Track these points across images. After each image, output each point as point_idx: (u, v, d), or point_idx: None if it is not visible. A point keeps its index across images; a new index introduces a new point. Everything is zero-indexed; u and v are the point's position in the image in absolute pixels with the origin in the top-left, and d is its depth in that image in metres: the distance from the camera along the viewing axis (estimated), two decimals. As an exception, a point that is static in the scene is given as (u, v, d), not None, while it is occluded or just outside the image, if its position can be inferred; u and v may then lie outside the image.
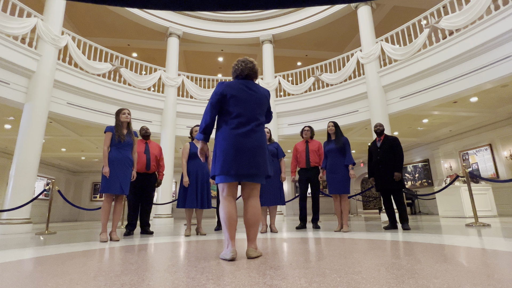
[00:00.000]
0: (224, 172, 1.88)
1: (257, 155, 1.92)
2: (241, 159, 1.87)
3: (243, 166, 1.87)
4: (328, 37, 10.18)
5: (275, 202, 3.78)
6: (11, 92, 5.55)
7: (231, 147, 1.88)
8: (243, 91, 2.00)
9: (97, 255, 2.16)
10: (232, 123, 1.94)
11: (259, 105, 2.04)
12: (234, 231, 1.85)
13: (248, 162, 1.88)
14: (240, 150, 1.88)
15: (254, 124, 1.98)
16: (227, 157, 1.87)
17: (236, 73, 2.11)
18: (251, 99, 2.00)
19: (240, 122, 1.94)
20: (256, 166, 1.90)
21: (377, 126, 4.21)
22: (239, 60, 2.12)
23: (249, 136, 1.93)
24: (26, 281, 1.36)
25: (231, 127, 1.93)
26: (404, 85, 6.84)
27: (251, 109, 1.98)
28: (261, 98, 2.05)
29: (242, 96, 1.98)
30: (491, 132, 8.51)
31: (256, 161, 1.91)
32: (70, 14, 8.61)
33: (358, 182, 15.71)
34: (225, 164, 1.87)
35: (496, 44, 5.26)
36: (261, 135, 2.00)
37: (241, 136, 1.91)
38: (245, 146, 1.90)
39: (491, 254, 1.76)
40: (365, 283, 1.17)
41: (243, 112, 1.95)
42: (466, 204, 6.42)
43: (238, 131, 1.91)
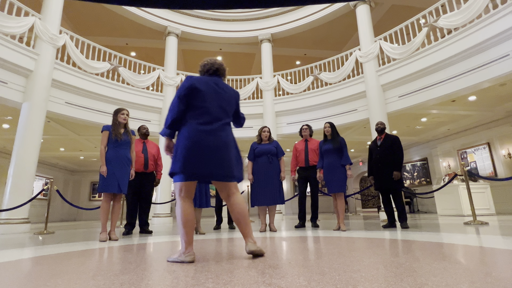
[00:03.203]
0: (184, 171, 1.76)
1: (221, 154, 1.83)
2: (204, 158, 1.77)
3: (205, 165, 1.77)
4: (327, 36, 10.18)
5: (274, 201, 3.78)
6: (9, 91, 5.53)
7: (195, 144, 1.77)
8: (212, 88, 1.92)
9: (96, 255, 2.15)
10: (198, 119, 1.84)
11: (227, 104, 1.97)
12: (192, 233, 1.78)
13: (211, 161, 1.79)
14: (204, 149, 1.78)
15: (221, 122, 1.89)
16: (189, 155, 1.76)
17: (205, 68, 2.03)
18: (219, 97, 1.93)
19: (206, 119, 1.84)
20: (219, 166, 1.81)
21: (378, 124, 4.22)
22: (207, 58, 2.08)
23: (215, 134, 1.84)
24: (25, 280, 1.36)
25: (197, 123, 1.83)
26: (403, 84, 6.85)
27: (218, 106, 1.90)
28: (229, 97, 1.99)
29: (211, 92, 1.90)
30: (489, 130, 8.54)
31: (220, 161, 1.82)
32: (68, 13, 8.57)
33: (356, 180, 15.73)
34: (186, 162, 1.75)
35: (494, 43, 5.27)
36: (227, 134, 1.91)
37: (206, 134, 1.81)
38: (209, 144, 1.80)
39: (489, 252, 1.77)
40: (364, 281, 1.17)
41: (210, 109, 1.86)
42: (465, 203, 6.44)
43: (203, 128, 1.81)
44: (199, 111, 1.85)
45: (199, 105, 1.86)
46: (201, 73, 2.07)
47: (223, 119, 1.92)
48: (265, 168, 3.84)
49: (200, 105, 1.86)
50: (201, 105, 1.86)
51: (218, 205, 4.73)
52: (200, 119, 1.84)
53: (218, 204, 4.72)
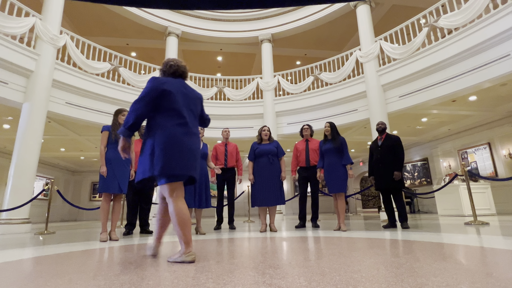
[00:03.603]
0: (174, 172, 1.76)
1: (197, 156, 1.89)
2: (188, 158, 1.80)
3: (189, 166, 1.81)
4: (327, 36, 10.18)
5: (275, 202, 3.77)
6: (10, 91, 5.54)
7: (179, 146, 1.78)
8: (180, 90, 1.91)
9: (97, 255, 2.15)
10: (174, 121, 1.83)
11: (194, 106, 1.99)
12: (190, 232, 1.80)
13: (192, 162, 1.83)
14: (187, 150, 1.81)
15: (193, 125, 1.92)
16: (176, 156, 1.76)
17: (172, 70, 2.01)
18: (187, 99, 1.94)
19: (181, 120, 1.85)
20: (195, 168, 1.86)
21: (379, 124, 4.22)
22: (171, 59, 2.06)
23: (192, 136, 1.88)
24: (26, 281, 1.36)
25: (173, 125, 1.82)
26: (403, 84, 6.85)
27: (188, 109, 1.92)
28: (195, 100, 2.01)
29: (180, 94, 1.89)
30: (490, 130, 8.53)
31: (196, 163, 1.87)
32: (68, 13, 8.58)
33: (357, 181, 15.73)
34: (177, 163, 1.76)
35: (495, 42, 5.26)
36: (198, 137, 1.95)
37: (186, 135, 1.83)
38: (190, 146, 1.83)
39: (490, 252, 1.77)
40: (364, 281, 1.17)
41: (182, 111, 1.87)
42: (465, 203, 6.43)
43: (182, 130, 1.83)
44: (172, 113, 1.84)
45: (171, 107, 1.84)
46: (165, 73, 2.02)
47: (193, 122, 1.94)
48: (266, 168, 3.83)
49: (172, 107, 1.84)
50: (173, 107, 1.84)
51: (219, 205, 4.73)
52: (175, 121, 1.83)
53: (219, 204, 4.72)
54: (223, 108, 9.07)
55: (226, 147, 4.76)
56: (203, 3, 1.83)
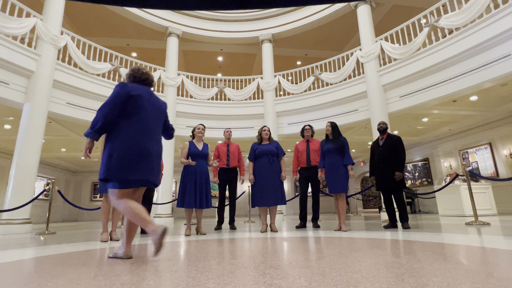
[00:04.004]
0: (131, 177, 1.83)
1: (156, 162, 1.95)
2: (144, 165, 1.86)
3: (144, 172, 1.86)
4: (328, 36, 10.18)
5: (276, 202, 3.77)
6: (11, 92, 5.55)
7: (138, 152, 1.84)
8: (146, 97, 1.98)
9: (97, 255, 2.16)
10: (136, 127, 1.89)
11: (159, 114, 2.06)
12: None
13: (149, 168, 1.89)
14: (145, 156, 1.87)
15: (155, 132, 1.99)
16: (134, 163, 1.83)
17: (142, 77, 2.08)
18: (152, 107, 2.00)
19: (143, 127, 1.91)
20: (153, 173, 1.93)
21: (380, 124, 4.21)
22: (135, 66, 2.13)
23: (152, 142, 1.94)
24: (26, 281, 1.36)
25: (135, 130, 1.88)
26: (404, 84, 6.84)
27: (152, 116, 1.98)
28: (160, 108, 2.08)
29: (145, 101, 1.96)
30: (491, 131, 8.52)
31: (154, 169, 1.93)
32: (69, 13, 8.59)
33: (358, 181, 15.72)
34: (133, 169, 1.82)
35: (495, 42, 5.25)
36: (160, 144, 2.02)
37: (146, 142, 1.89)
38: (149, 152, 1.89)
39: (490, 253, 1.76)
40: (365, 282, 1.17)
41: (145, 118, 1.93)
42: (466, 203, 6.42)
43: (142, 136, 1.89)
44: (135, 119, 1.90)
45: (135, 113, 1.90)
46: (134, 79, 2.08)
47: (156, 129, 2.01)
48: (266, 168, 3.83)
49: (137, 113, 1.91)
50: (137, 113, 1.91)
51: (220, 205, 4.73)
52: (138, 127, 1.89)
53: (220, 204, 4.72)
54: (224, 109, 9.07)
55: (228, 147, 4.76)
56: (203, 3, 1.84)
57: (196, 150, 3.80)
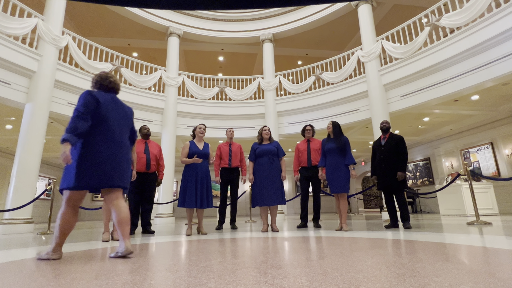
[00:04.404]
0: (94, 183, 1.90)
1: (125, 167, 2.04)
2: (115, 170, 1.95)
3: (116, 178, 1.95)
4: (329, 36, 10.16)
5: (276, 201, 3.76)
6: (12, 92, 5.56)
7: (102, 158, 1.91)
8: (112, 104, 2.07)
9: (99, 255, 2.16)
10: (104, 133, 1.96)
11: (125, 120, 2.15)
12: (65, 237, 1.97)
13: (120, 174, 1.98)
14: (111, 162, 1.94)
15: (123, 136, 2.07)
16: (96, 168, 1.90)
17: (110, 86, 2.15)
18: (118, 113, 2.09)
19: (111, 133, 1.98)
20: (122, 177, 2.01)
21: (383, 123, 4.20)
22: (102, 73, 2.18)
23: (120, 148, 2.02)
24: (28, 280, 1.37)
25: (104, 136, 1.95)
26: (405, 83, 6.83)
27: (119, 122, 2.07)
28: (126, 114, 2.17)
29: (112, 108, 2.04)
30: (493, 130, 8.50)
31: (123, 173, 2.02)
32: (70, 14, 8.61)
33: (359, 180, 15.70)
34: (99, 176, 1.90)
35: (497, 42, 5.24)
36: (128, 149, 2.11)
37: (114, 148, 1.97)
38: (118, 158, 1.98)
39: (492, 253, 1.76)
40: (366, 281, 1.17)
41: (113, 125, 2.01)
42: (468, 203, 6.41)
43: (111, 143, 1.96)
44: (102, 126, 1.97)
45: (101, 121, 1.98)
46: (101, 86, 2.14)
47: (123, 134, 2.10)
48: (266, 168, 3.83)
49: (103, 120, 1.98)
50: (103, 121, 1.99)
51: (221, 205, 4.73)
52: (105, 134, 1.97)
53: (222, 204, 4.73)
54: (225, 108, 9.08)
55: (230, 147, 4.76)
56: (204, 3, 1.84)
57: (197, 149, 3.80)
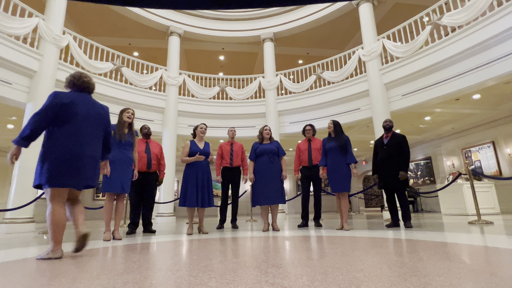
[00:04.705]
0: (62, 181, 1.95)
1: (90, 166, 2.07)
2: (79, 169, 1.99)
3: (80, 176, 2.00)
4: (330, 35, 10.14)
5: (276, 201, 3.76)
6: (13, 92, 5.57)
7: (69, 157, 1.96)
8: (84, 104, 2.10)
9: (100, 254, 2.17)
10: (70, 132, 2.00)
11: (97, 119, 2.17)
12: (62, 234, 2.01)
13: (84, 172, 2.02)
14: (78, 160, 1.99)
15: (92, 136, 2.10)
16: (65, 167, 1.94)
17: (83, 85, 2.19)
18: (89, 113, 2.11)
19: (78, 132, 2.02)
20: (91, 176, 2.08)
21: (386, 121, 4.18)
22: (77, 73, 2.23)
23: (87, 147, 2.05)
24: (30, 279, 1.37)
25: (69, 136, 1.99)
26: (406, 82, 6.81)
27: (89, 122, 2.09)
28: (98, 114, 2.19)
29: (81, 108, 2.07)
30: (494, 129, 8.47)
31: (92, 172, 2.08)
32: (71, 13, 8.61)
33: (360, 180, 15.69)
34: (63, 173, 1.94)
35: (499, 40, 5.22)
36: (98, 148, 2.15)
37: (79, 146, 2.01)
38: (83, 156, 2.02)
39: (494, 252, 1.76)
40: (367, 281, 1.17)
41: (81, 124, 2.04)
42: (469, 202, 6.40)
43: (76, 142, 2.00)
44: (68, 126, 2.00)
45: (68, 120, 2.01)
46: (74, 86, 2.18)
47: (93, 134, 2.12)
48: (267, 167, 3.82)
49: (69, 120, 2.01)
50: (70, 120, 2.01)
51: (222, 204, 4.74)
52: (70, 133, 2.00)
53: (223, 203, 4.73)
54: (225, 108, 9.07)
55: (232, 146, 4.76)
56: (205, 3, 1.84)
57: (198, 149, 3.80)
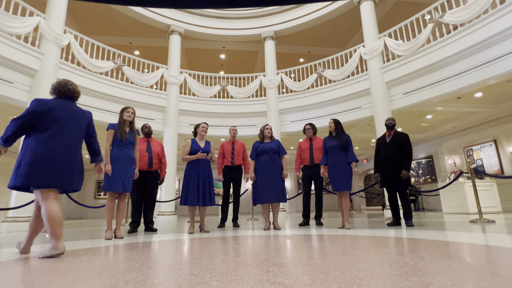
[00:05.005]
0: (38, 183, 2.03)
1: (71, 169, 2.15)
2: (56, 172, 2.08)
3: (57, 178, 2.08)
4: (331, 33, 10.12)
5: (277, 199, 3.76)
6: (15, 91, 5.59)
7: (47, 160, 2.05)
8: (63, 110, 2.21)
9: (102, 252, 2.17)
10: (50, 137, 2.10)
11: (78, 125, 2.27)
12: (60, 228, 2.07)
13: (62, 175, 2.11)
14: (55, 164, 2.08)
15: (73, 140, 2.21)
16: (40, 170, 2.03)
17: (68, 93, 2.29)
18: (71, 119, 2.22)
19: (57, 137, 2.13)
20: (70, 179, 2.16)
21: (388, 120, 4.17)
22: (63, 80, 2.33)
23: (66, 151, 2.14)
24: (32, 278, 1.38)
25: (48, 140, 2.08)
26: (408, 81, 6.79)
27: (70, 127, 2.20)
28: (80, 121, 2.30)
29: (62, 114, 2.18)
30: (496, 127, 8.44)
31: (70, 175, 2.16)
32: (72, 12, 8.62)
33: (361, 178, 15.67)
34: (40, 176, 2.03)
35: (501, 38, 5.19)
36: (78, 152, 2.25)
37: (57, 151, 2.10)
38: (61, 160, 2.10)
39: (495, 251, 1.75)
40: (368, 280, 1.17)
41: (62, 129, 2.15)
42: (470, 200, 6.39)
43: (55, 146, 2.09)
44: (49, 131, 2.11)
45: (48, 126, 2.11)
46: (54, 91, 2.29)
47: (74, 139, 2.22)
48: (267, 165, 3.82)
49: (50, 125, 2.12)
50: (50, 126, 2.12)
51: (223, 203, 4.74)
52: (50, 138, 2.09)
53: (224, 202, 4.74)
54: (226, 106, 9.07)
55: (233, 145, 4.76)
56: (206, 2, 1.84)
57: (199, 147, 3.81)
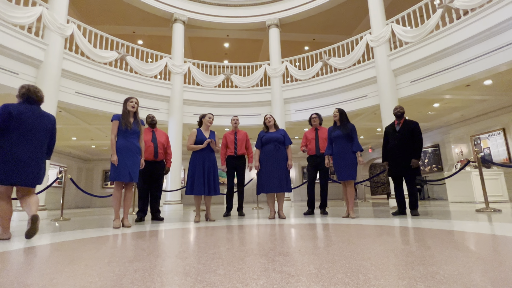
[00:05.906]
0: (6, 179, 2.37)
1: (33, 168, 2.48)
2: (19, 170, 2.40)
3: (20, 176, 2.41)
4: (336, 20, 9.89)
5: (281, 189, 3.77)
6: (20, 82, 5.59)
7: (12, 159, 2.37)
8: (30, 114, 2.51)
9: (111, 241, 2.22)
10: (15, 138, 2.40)
11: (43, 128, 2.57)
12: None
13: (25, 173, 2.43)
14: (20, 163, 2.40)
15: (37, 142, 2.52)
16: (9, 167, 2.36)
17: (30, 97, 2.57)
18: (36, 122, 2.53)
19: (22, 139, 2.43)
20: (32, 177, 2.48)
21: (396, 108, 4.10)
22: (31, 86, 2.61)
23: (30, 151, 2.45)
24: (44, 266, 1.41)
25: (14, 142, 2.39)
26: (415, 68, 6.65)
27: (35, 130, 2.51)
28: (44, 124, 2.61)
29: (29, 117, 2.49)
30: (505, 116, 8.28)
31: (33, 173, 2.48)
32: (74, 1, 8.53)
33: (366, 167, 15.63)
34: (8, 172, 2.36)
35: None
36: (41, 152, 2.55)
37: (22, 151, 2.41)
38: (24, 159, 2.42)
39: (502, 240, 1.75)
40: (374, 269, 1.17)
41: (27, 131, 2.45)
42: (477, 190, 6.34)
43: (19, 146, 2.40)
44: (14, 133, 2.40)
45: (15, 128, 2.41)
46: (23, 97, 2.55)
47: (38, 140, 2.53)
48: (272, 155, 3.82)
49: (16, 128, 2.41)
50: (16, 128, 2.41)
51: (228, 192, 4.78)
52: (15, 139, 2.40)
53: (229, 191, 4.77)
54: (231, 96, 9.03)
55: (236, 135, 4.76)
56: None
57: (204, 138, 3.82)
